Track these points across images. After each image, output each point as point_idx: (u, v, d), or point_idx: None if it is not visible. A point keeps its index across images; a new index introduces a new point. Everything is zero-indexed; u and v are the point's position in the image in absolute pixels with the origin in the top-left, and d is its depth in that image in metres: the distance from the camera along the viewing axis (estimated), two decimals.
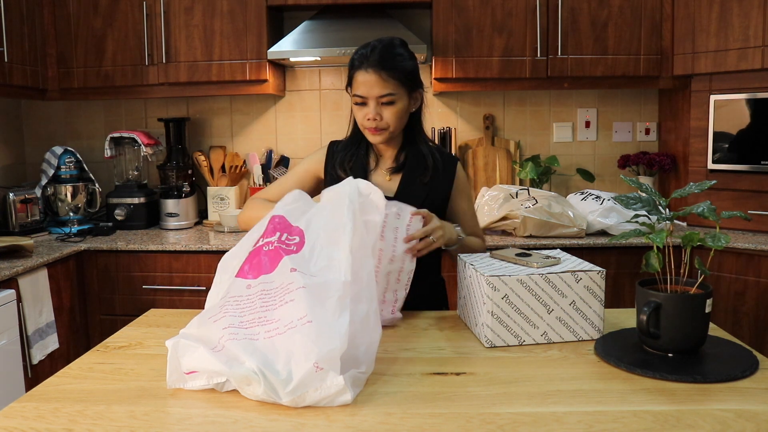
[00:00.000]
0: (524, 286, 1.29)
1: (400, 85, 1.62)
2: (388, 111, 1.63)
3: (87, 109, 3.38)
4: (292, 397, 1.04)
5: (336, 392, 1.05)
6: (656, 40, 2.85)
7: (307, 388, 1.04)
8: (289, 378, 1.04)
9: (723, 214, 1.25)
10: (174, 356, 1.14)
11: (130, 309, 2.71)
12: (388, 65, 1.60)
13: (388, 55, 1.62)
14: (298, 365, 1.04)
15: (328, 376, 1.04)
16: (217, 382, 1.11)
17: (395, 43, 1.66)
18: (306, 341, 1.06)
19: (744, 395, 1.07)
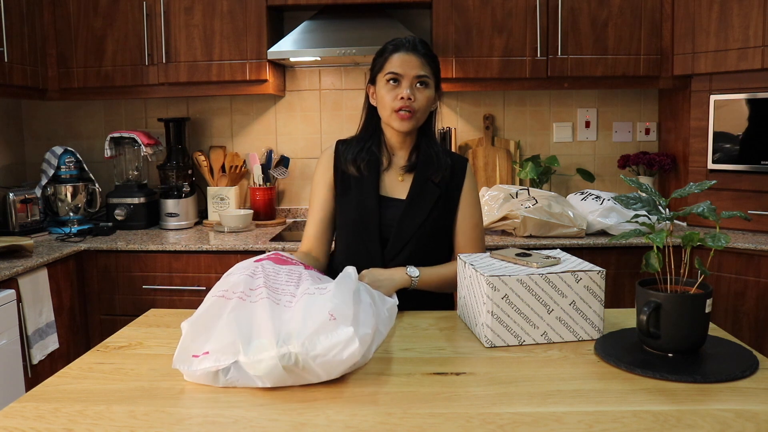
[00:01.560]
0: (524, 286, 1.29)
1: (432, 75, 1.68)
2: (421, 94, 1.66)
3: (87, 109, 3.38)
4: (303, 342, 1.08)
5: (346, 340, 1.08)
6: (656, 40, 2.85)
7: (319, 335, 1.09)
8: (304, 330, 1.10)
9: (723, 214, 1.25)
10: (188, 336, 1.16)
11: (130, 309, 2.71)
12: (426, 52, 1.68)
13: (426, 46, 1.70)
14: (313, 317, 1.12)
15: (340, 326, 1.10)
16: (225, 365, 1.11)
17: (423, 42, 1.73)
18: (323, 299, 1.16)
19: (744, 395, 1.07)
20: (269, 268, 1.30)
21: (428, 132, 1.75)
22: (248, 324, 1.14)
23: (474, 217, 1.76)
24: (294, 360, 1.08)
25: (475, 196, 1.78)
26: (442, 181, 1.72)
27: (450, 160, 1.75)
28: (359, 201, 1.73)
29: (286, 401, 1.08)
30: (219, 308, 1.17)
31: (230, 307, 1.16)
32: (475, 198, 1.78)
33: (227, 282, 1.24)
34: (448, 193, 1.73)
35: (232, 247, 2.63)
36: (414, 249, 1.70)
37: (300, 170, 3.35)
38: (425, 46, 1.69)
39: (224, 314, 1.16)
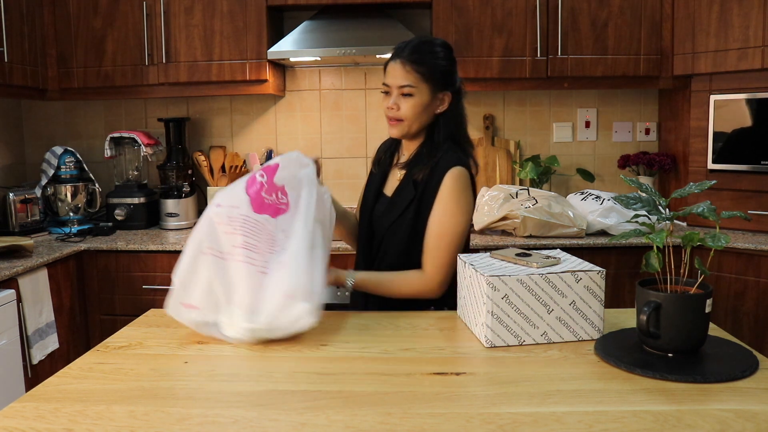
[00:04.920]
0: (524, 286, 1.29)
1: (422, 80, 1.65)
2: (405, 103, 1.66)
3: (87, 109, 3.38)
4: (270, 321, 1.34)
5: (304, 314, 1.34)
6: (656, 40, 2.85)
7: (282, 311, 1.34)
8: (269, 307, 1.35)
9: (723, 214, 1.25)
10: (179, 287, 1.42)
11: (130, 309, 2.71)
12: (413, 58, 1.65)
13: (418, 50, 1.66)
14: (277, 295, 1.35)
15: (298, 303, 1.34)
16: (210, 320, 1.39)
17: (434, 42, 1.72)
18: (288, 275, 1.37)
19: (744, 395, 1.07)
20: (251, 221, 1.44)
21: (438, 132, 1.70)
22: (228, 286, 1.38)
23: (437, 226, 1.64)
24: (259, 334, 1.35)
25: (446, 205, 1.63)
26: (422, 182, 1.67)
27: (435, 162, 1.66)
28: (365, 195, 1.84)
29: (286, 401, 1.08)
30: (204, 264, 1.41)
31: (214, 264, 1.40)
32: (446, 207, 1.63)
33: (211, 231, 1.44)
34: (425, 196, 1.66)
35: None
36: (391, 246, 1.70)
37: None
38: (416, 50, 1.66)
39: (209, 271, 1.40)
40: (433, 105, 1.68)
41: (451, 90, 1.69)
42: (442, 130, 1.70)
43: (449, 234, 1.63)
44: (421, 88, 1.65)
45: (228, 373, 1.21)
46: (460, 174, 1.64)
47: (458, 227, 1.64)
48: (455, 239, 1.64)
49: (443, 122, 1.70)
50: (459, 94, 1.73)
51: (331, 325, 1.48)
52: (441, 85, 1.67)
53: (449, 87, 1.69)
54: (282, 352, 1.31)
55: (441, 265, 1.63)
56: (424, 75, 1.65)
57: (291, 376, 1.19)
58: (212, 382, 1.17)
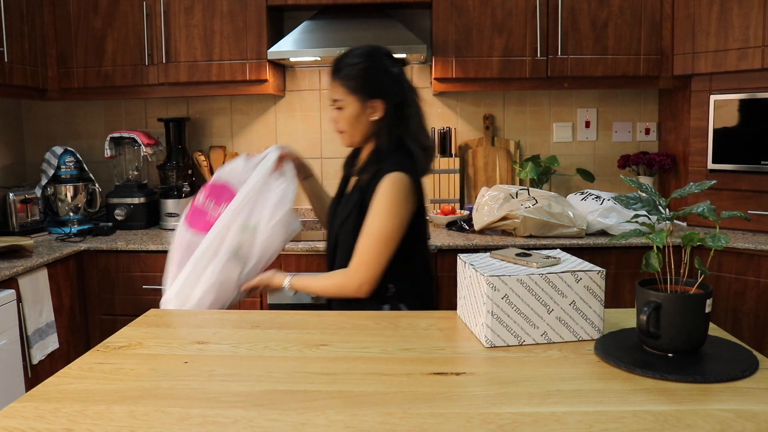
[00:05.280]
0: (524, 286, 1.29)
1: (348, 93, 1.71)
2: (338, 116, 1.75)
3: (87, 109, 3.38)
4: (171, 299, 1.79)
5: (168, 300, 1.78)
6: (656, 40, 2.85)
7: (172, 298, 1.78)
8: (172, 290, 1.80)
9: (723, 214, 1.25)
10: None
11: (130, 309, 2.71)
12: (336, 73, 1.73)
13: (341, 63, 1.73)
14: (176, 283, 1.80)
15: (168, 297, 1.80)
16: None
17: (354, 52, 1.74)
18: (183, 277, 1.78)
19: (744, 395, 1.07)
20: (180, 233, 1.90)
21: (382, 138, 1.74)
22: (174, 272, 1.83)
23: (365, 227, 1.69)
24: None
25: (376, 207, 1.68)
26: (365, 187, 1.72)
27: (379, 168, 1.71)
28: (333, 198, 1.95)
29: (286, 401, 1.08)
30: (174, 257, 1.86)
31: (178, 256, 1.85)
32: (376, 209, 1.68)
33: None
34: (365, 200, 1.72)
35: None
36: (342, 248, 1.77)
37: None
38: (338, 64, 1.73)
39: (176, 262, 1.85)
40: (365, 114, 1.72)
41: (382, 97, 1.71)
42: (383, 136, 1.73)
43: (374, 234, 1.67)
44: (348, 101, 1.71)
45: (228, 373, 1.20)
46: (395, 179, 1.67)
47: (385, 229, 1.67)
48: (381, 240, 1.67)
49: (383, 129, 1.73)
50: (399, 99, 1.73)
51: (331, 325, 1.48)
52: (368, 94, 1.71)
53: (379, 95, 1.71)
54: (282, 352, 1.31)
55: (362, 263, 1.68)
56: (349, 87, 1.70)
57: (291, 376, 1.19)
58: (212, 382, 1.17)
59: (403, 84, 1.75)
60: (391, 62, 1.75)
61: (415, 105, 1.76)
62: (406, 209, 1.70)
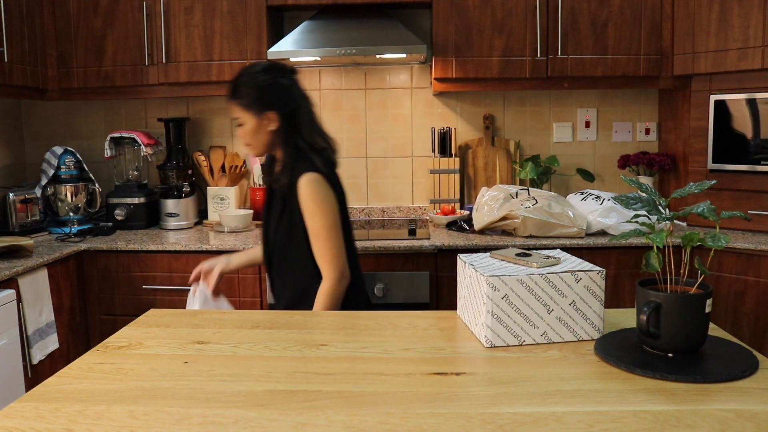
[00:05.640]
0: (524, 286, 1.29)
1: (243, 110, 1.86)
2: (241, 131, 1.89)
3: (87, 109, 3.38)
4: None
5: None
6: (656, 40, 2.85)
7: None
8: None
9: (723, 214, 1.25)
10: None
11: (130, 309, 2.71)
12: (232, 94, 1.87)
13: (235, 84, 1.87)
14: None
15: None
16: None
17: (244, 72, 1.88)
18: None
19: (744, 395, 1.07)
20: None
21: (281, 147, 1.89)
22: None
23: (311, 232, 1.84)
24: None
25: (306, 210, 1.83)
26: (285, 194, 1.86)
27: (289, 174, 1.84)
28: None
29: (286, 401, 1.08)
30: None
31: None
32: (309, 213, 1.83)
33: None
34: (289, 204, 1.86)
35: (232, 247, 2.63)
36: (277, 252, 1.93)
37: None
38: (231, 85, 1.87)
39: None
40: (263, 126, 1.86)
41: (275, 109, 1.85)
42: (283, 144, 1.88)
43: (321, 232, 1.83)
44: (245, 117, 1.86)
45: (228, 373, 1.21)
46: (309, 179, 1.82)
47: (326, 223, 1.83)
48: (329, 235, 1.83)
49: (282, 138, 1.88)
50: (291, 108, 1.87)
51: (331, 325, 1.48)
52: (261, 108, 1.85)
53: (271, 107, 1.85)
54: (282, 352, 1.31)
55: (327, 261, 1.83)
56: (243, 104, 1.85)
57: (291, 376, 1.19)
58: (212, 382, 1.17)
59: (293, 93, 1.89)
60: (281, 75, 1.88)
61: (307, 111, 1.90)
62: (331, 201, 1.85)
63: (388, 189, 3.35)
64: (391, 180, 3.34)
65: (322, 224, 1.83)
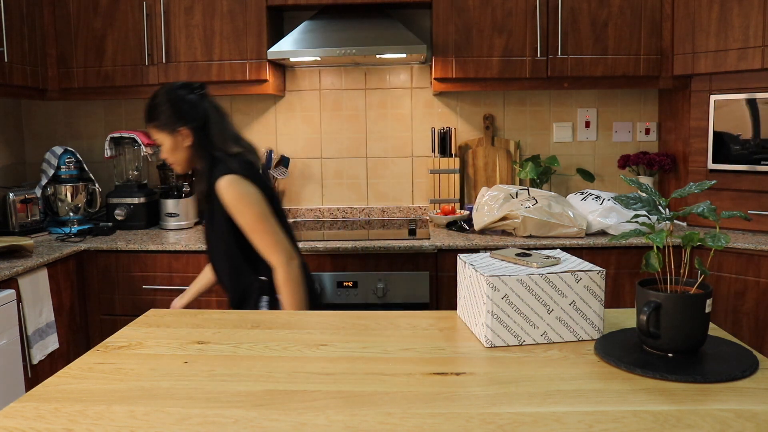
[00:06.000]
0: (524, 286, 1.29)
1: (158, 131, 1.95)
2: (162, 152, 1.99)
3: (87, 109, 3.38)
4: None
5: None
6: (656, 40, 2.85)
7: None
8: None
9: (723, 214, 1.25)
10: None
11: (130, 309, 2.71)
12: (146, 118, 1.97)
13: (147, 109, 1.97)
14: None
15: None
16: None
17: (155, 94, 1.97)
18: None
19: (744, 395, 1.07)
20: None
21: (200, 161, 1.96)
22: None
23: (246, 229, 1.89)
24: None
25: (235, 209, 1.88)
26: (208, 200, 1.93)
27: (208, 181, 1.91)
28: None
29: (286, 401, 1.08)
30: None
31: None
32: (238, 212, 1.88)
33: None
34: (215, 209, 1.92)
35: None
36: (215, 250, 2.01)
37: (300, 170, 3.35)
38: (146, 111, 1.96)
39: None
40: (179, 143, 1.95)
41: (185, 124, 1.93)
42: (200, 157, 1.95)
43: (255, 227, 1.88)
44: (161, 137, 1.95)
45: (228, 373, 1.21)
46: (225, 182, 1.87)
47: (255, 215, 1.88)
48: (263, 224, 1.88)
49: (198, 150, 1.95)
50: (202, 121, 1.94)
51: (331, 325, 1.48)
52: (173, 126, 1.93)
53: (182, 123, 1.93)
54: (282, 352, 1.31)
55: (272, 246, 1.88)
56: (157, 125, 1.94)
57: (291, 376, 1.19)
58: (212, 382, 1.17)
59: (202, 107, 1.96)
60: (189, 91, 1.97)
61: (217, 121, 1.97)
62: (254, 195, 1.89)
63: (388, 189, 3.35)
64: (391, 180, 3.34)
65: (253, 217, 1.88)
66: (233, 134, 2.01)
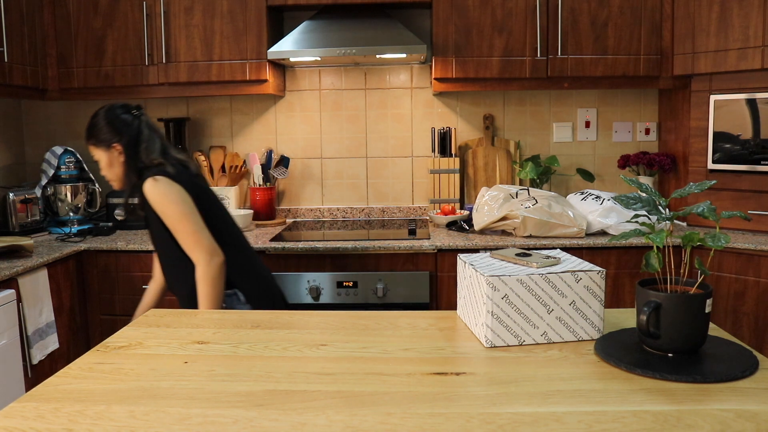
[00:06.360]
0: (524, 286, 1.29)
1: (96, 149, 2.09)
2: (102, 168, 2.12)
3: (87, 109, 3.38)
4: None
5: None
6: (656, 40, 2.85)
7: None
8: None
9: (723, 214, 1.25)
10: None
11: (130, 309, 2.70)
12: (85, 137, 2.10)
13: (86, 129, 2.10)
14: None
15: None
16: None
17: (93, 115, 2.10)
18: None
19: (744, 395, 1.07)
20: None
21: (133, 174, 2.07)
22: None
23: (172, 228, 1.98)
24: None
25: (160, 208, 1.98)
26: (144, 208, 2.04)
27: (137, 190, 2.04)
28: None
29: (286, 401, 1.08)
30: None
31: None
32: (163, 211, 1.98)
33: None
34: (152, 215, 2.02)
35: None
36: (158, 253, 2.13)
37: (300, 170, 3.35)
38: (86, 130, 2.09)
39: None
40: (115, 158, 2.08)
41: (117, 141, 2.05)
42: (132, 170, 2.07)
43: (177, 224, 1.97)
44: (99, 154, 2.09)
45: (228, 373, 1.21)
46: (149, 185, 1.98)
47: (177, 213, 1.97)
48: (185, 222, 1.96)
49: (130, 164, 2.07)
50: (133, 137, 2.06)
51: (331, 325, 1.48)
52: (107, 143, 2.06)
53: (114, 141, 2.06)
54: (282, 352, 1.31)
55: (193, 244, 1.96)
56: (95, 143, 2.08)
57: (291, 376, 1.19)
58: (212, 382, 1.17)
59: (135, 125, 2.08)
60: (123, 111, 2.09)
61: (147, 138, 2.08)
62: (177, 194, 1.98)
63: (388, 189, 3.35)
64: (391, 180, 3.34)
65: (176, 216, 1.96)
66: (162, 148, 2.11)
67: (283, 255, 2.65)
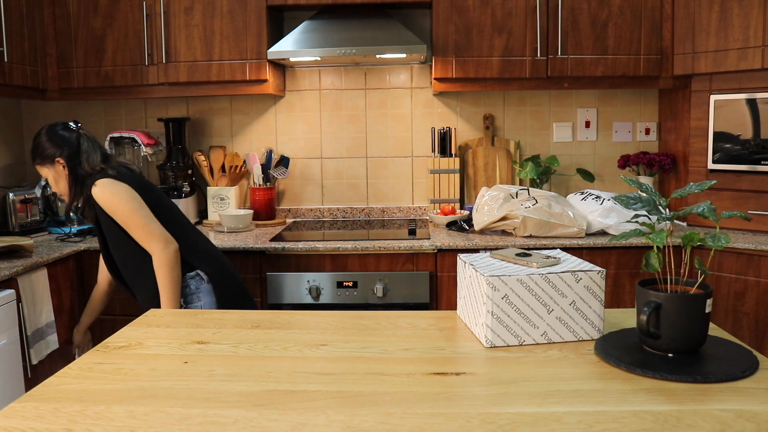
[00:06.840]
0: (524, 286, 1.29)
1: (41, 167, 2.17)
2: (51, 185, 2.20)
3: (87, 109, 3.38)
4: None
5: None
6: (656, 40, 2.85)
7: None
8: None
9: (723, 214, 1.25)
10: None
11: (130, 309, 2.70)
12: (31, 158, 2.19)
13: (30, 152, 2.19)
14: None
15: None
16: None
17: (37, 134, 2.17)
18: None
19: (744, 395, 1.07)
20: None
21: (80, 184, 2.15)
22: None
23: (124, 224, 2.07)
24: None
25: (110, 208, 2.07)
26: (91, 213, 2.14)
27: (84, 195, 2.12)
28: None
29: (286, 401, 1.08)
30: None
31: None
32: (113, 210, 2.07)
33: None
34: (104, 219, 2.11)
35: (231, 247, 2.63)
36: (122, 266, 2.19)
37: (300, 170, 3.35)
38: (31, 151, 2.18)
39: None
40: (59, 173, 2.15)
41: (59, 156, 2.13)
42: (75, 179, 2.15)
43: (128, 219, 2.06)
44: (45, 171, 2.17)
45: (228, 373, 1.21)
46: (97, 186, 2.07)
47: (127, 209, 2.06)
48: (135, 217, 2.06)
49: (74, 175, 2.15)
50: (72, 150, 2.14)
51: (331, 325, 1.48)
52: (50, 159, 2.14)
53: (56, 156, 2.13)
54: (282, 352, 1.31)
55: (146, 236, 2.06)
56: (39, 162, 2.16)
57: (291, 376, 1.19)
58: (212, 382, 1.17)
59: (71, 139, 2.15)
60: (62, 128, 2.18)
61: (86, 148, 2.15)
62: (125, 192, 2.07)
63: (388, 189, 3.35)
64: (391, 180, 3.34)
65: (126, 213, 2.05)
66: (103, 156, 2.18)
67: (283, 255, 2.65)
